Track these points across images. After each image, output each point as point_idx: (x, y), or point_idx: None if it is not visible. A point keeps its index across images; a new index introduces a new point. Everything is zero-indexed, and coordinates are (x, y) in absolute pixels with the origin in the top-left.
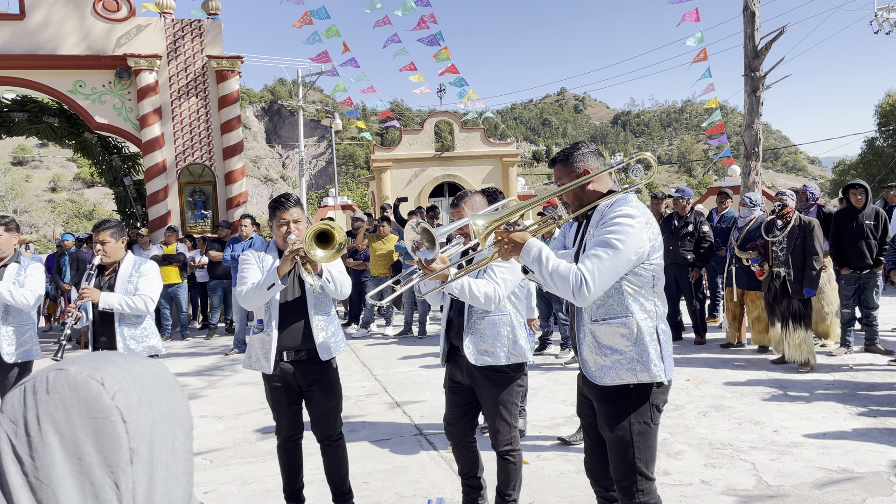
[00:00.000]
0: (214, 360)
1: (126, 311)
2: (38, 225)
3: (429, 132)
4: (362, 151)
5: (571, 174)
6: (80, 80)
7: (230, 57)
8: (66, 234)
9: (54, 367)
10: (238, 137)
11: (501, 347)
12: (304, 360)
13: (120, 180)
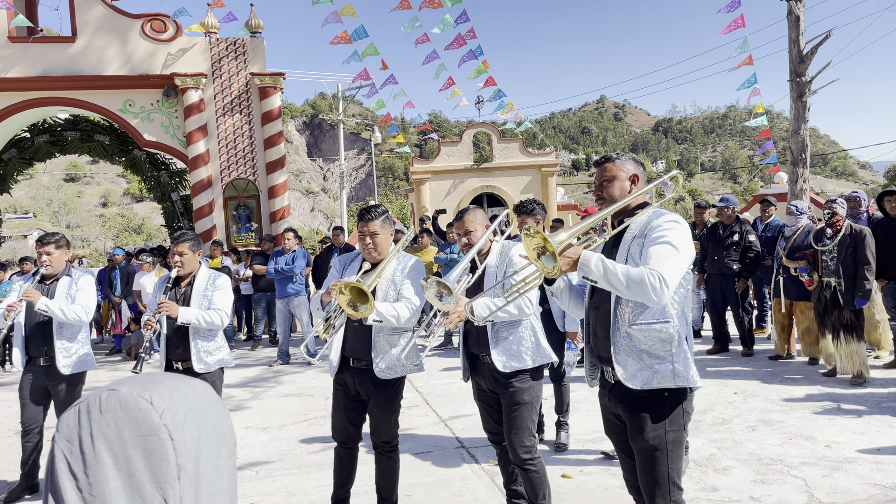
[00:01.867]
0: (258, 371)
1: (202, 326)
2: (90, 239)
3: (467, 143)
4: (401, 163)
5: (621, 176)
6: (129, 99)
7: (272, 74)
8: (116, 248)
9: (106, 387)
10: (280, 152)
11: (526, 351)
12: (364, 370)
13: (168, 195)
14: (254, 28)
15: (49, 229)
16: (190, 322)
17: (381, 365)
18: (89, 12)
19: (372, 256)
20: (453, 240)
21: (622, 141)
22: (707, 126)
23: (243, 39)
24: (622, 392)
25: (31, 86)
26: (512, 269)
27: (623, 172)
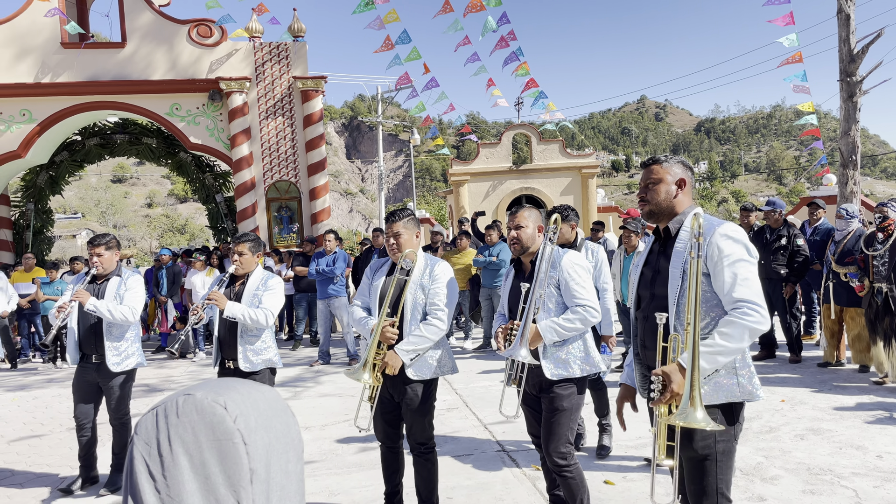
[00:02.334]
0: (299, 371)
1: (248, 322)
2: (136, 239)
3: (506, 145)
4: (439, 164)
5: (668, 179)
6: (176, 102)
7: (314, 77)
8: (163, 248)
9: (182, 392)
10: (322, 155)
11: (575, 361)
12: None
13: (212, 197)
14: (296, 32)
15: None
16: (235, 317)
17: (411, 367)
18: (138, 18)
19: (396, 256)
20: (492, 242)
21: (663, 141)
22: (751, 126)
23: (286, 43)
24: None
25: (83, 90)
26: (565, 280)
27: (670, 176)
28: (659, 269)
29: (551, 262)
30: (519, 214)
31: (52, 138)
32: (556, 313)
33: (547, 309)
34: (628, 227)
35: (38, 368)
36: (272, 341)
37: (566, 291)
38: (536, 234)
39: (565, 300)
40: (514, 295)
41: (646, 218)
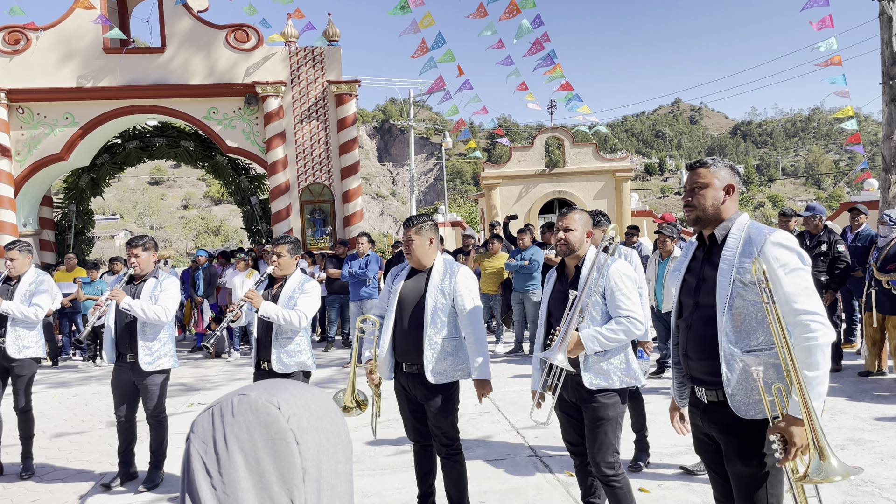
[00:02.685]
0: (331, 372)
1: (281, 322)
2: (172, 240)
3: (539, 148)
4: (469, 167)
5: (715, 184)
6: (213, 106)
7: (348, 81)
8: (199, 250)
9: (237, 392)
10: (355, 158)
11: (616, 372)
12: (416, 374)
13: (247, 199)
14: (331, 36)
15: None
16: (270, 316)
17: (432, 370)
18: (178, 24)
19: (411, 260)
20: (524, 245)
21: (698, 145)
22: (789, 129)
23: (321, 48)
24: (717, 413)
25: (123, 94)
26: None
27: (718, 180)
28: (704, 278)
29: (600, 268)
30: (569, 216)
31: (94, 141)
32: (600, 322)
33: (591, 317)
34: (664, 232)
35: (78, 366)
36: (307, 345)
37: (611, 301)
38: (585, 239)
39: (609, 310)
40: (555, 299)
41: (691, 224)
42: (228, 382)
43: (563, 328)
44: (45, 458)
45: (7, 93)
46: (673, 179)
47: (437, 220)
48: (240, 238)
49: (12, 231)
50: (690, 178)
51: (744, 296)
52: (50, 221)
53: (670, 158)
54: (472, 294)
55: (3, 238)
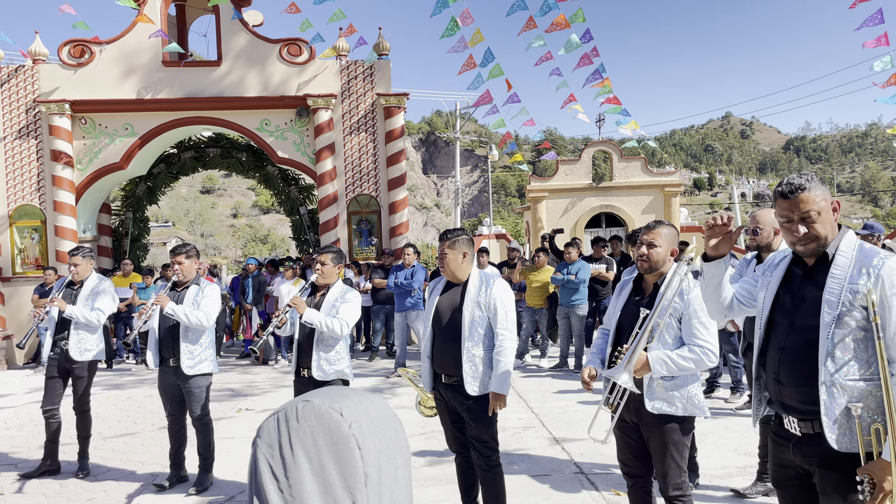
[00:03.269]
0: (376, 382)
1: (324, 329)
2: (221, 248)
3: (586, 162)
4: (514, 179)
5: (824, 206)
6: (266, 118)
7: (397, 94)
8: (250, 258)
9: (301, 398)
10: (402, 170)
11: (680, 399)
12: (455, 386)
13: (296, 209)
14: (381, 50)
15: (186, 238)
16: (312, 322)
17: (471, 382)
18: (234, 39)
19: (445, 273)
20: (570, 259)
21: (749, 160)
22: (845, 145)
23: (371, 62)
24: (813, 446)
25: (181, 106)
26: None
27: (824, 201)
28: (804, 297)
29: (679, 292)
30: (655, 231)
31: (152, 151)
32: (672, 346)
33: (663, 340)
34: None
35: (132, 369)
36: (346, 353)
37: (687, 327)
38: (668, 257)
39: (684, 336)
40: (627, 314)
41: (809, 256)
42: (275, 389)
43: (630, 347)
44: (99, 459)
45: (71, 104)
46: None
47: (482, 232)
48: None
49: (72, 237)
50: (789, 206)
51: (851, 321)
52: (108, 228)
53: (720, 173)
54: (508, 306)
55: (64, 244)
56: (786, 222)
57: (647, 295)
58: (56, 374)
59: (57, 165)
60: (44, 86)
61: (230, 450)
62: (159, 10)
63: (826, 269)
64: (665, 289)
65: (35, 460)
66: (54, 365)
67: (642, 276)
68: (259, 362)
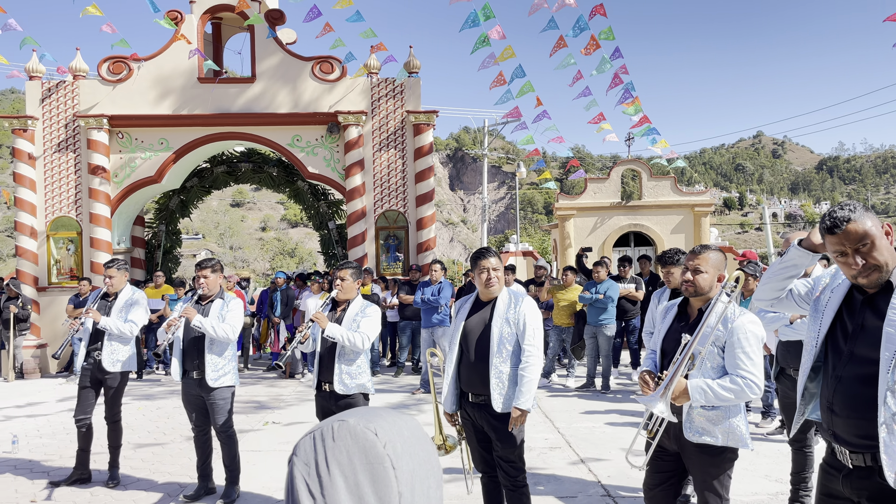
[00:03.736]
0: (402, 398)
1: (346, 343)
2: (249, 260)
3: (615, 180)
4: (541, 196)
5: (876, 233)
6: (297, 134)
7: (426, 111)
8: (279, 272)
9: (336, 418)
10: (430, 186)
11: (721, 430)
12: (482, 405)
13: (325, 224)
14: (411, 68)
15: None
16: (335, 337)
17: (498, 399)
18: (268, 56)
19: (490, 292)
20: (599, 279)
21: (781, 179)
22: (879, 166)
23: (402, 80)
24: (865, 479)
25: (215, 121)
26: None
27: (875, 228)
28: (864, 326)
29: (722, 320)
30: (702, 256)
31: (185, 165)
32: (713, 375)
33: (704, 369)
34: (746, 271)
35: (161, 380)
36: (367, 367)
37: (731, 357)
38: (715, 283)
39: (727, 366)
40: (670, 339)
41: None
42: (301, 402)
43: (668, 374)
44: (129, 468)
45: (109, 119)
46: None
47: (509, 249)
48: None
49: (107, 248)
50: (841, 239)
51: None
52: (141, 240)
53: (751, 193)
54: (536, 323)
55: (99, 255)
56: (840, 256)
57: (691, 321)
58: (88, 384)
59: (94, 178)
60: (83, 101)
61: (257, 462)
62: (196, 28)
63: (888, 297)
64: (707, 315)
65: (66, 468)
66: (87, 375)
67: (688, 301)
68: (286, 375)
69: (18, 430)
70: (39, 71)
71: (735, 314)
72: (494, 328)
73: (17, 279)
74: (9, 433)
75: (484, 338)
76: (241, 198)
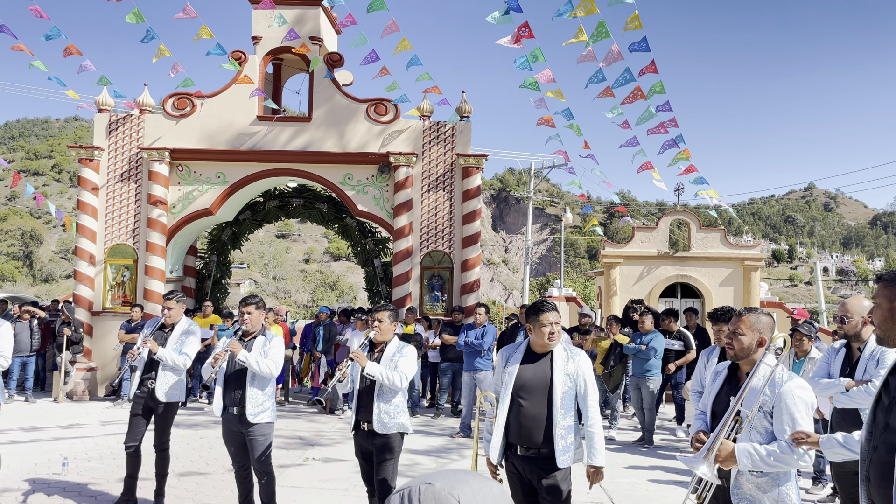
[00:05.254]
0: (442, 441)
1: (384, 381)
2: (291, 291)
3: (663, 230)
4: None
5: None
6: (349, 173)
7: (476, 155)
8: (322, 307)
9: (424, 480)
10: (476, 228)
11: (770, 497)
12: (534, 458)
13: (371, 261)
14: (463, 113)
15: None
16: (374, 375)
17: (561, 453)
18: (325, 97)
19: (550, 346)
20: (644, 329)
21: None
22: None
23: (453, 124)
24: None
25: (271, 158)
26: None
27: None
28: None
29: (770, 384)
30: (743, 320)
31: (239, 199)
32: (763, 441)
33: (752, 433)
34: (801, 330)
35: (205, 409)
36: (405, 406)
37: (779, 423)
38: (755, 346)
39: (775, 431)
40: (721, 400)
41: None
42: (343, 440)
43: (712, 435)
44: (173, 497)
45: (171, 152)
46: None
47: (552, 293)
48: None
49: (160, 276)
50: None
51: None
52: (192, 269)
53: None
54: (593, 378)
55: (153, 283)
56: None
57: (740, 384)
58: (140, 412)
59: (153, 209)
60: (147, 134)
61: (297, 499)
62: (258, 68)
63: None
64: (750, 377)
65: (112, 494)
66: (140, 403)
67: (738, 364)
68: (325, 411)
69: (68, 452)
70: (108, 104)
71: (783, 378)
72: (557, 382)
73: (73, 303)
74: (58, 454)
75: (545, 391)
76: (287, 229)
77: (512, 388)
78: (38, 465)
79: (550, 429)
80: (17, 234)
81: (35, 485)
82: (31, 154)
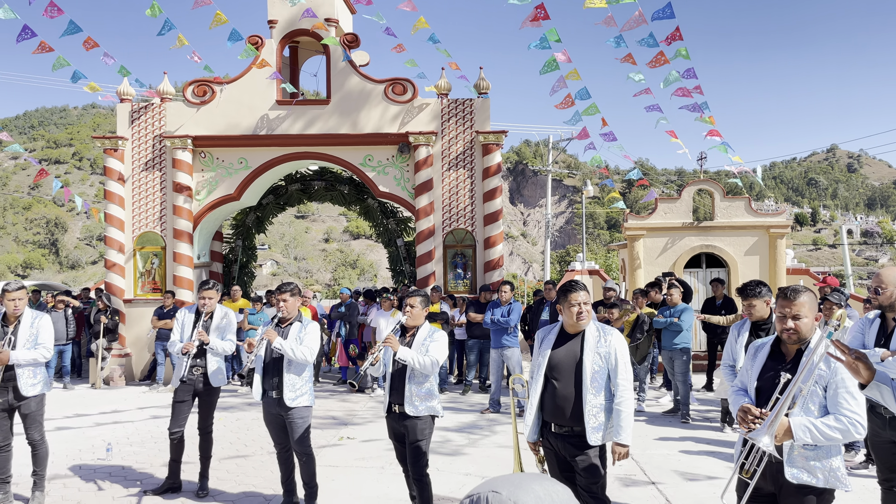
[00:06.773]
0: (472, 417)
1: (416, 366)
2: (313, 271)
3: (686, 201)
4: (603, 211)
5: None
6: (369, 154)
7: (495, 132)
8: (343, 288)
9: (491, 488)
10: (498, 205)
11: (822, 470)
12: (567, 435)
13: (393, 241)
14: (481, 89)
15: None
16: (406, 360)
17: (592, 431)
18: (343, 79)
19: (580, 325)
20: (673, 303)
21: (856, 195)
22: None
23: (471, 100)
24: None
25: (291, 142)
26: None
27: None
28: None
29: (825, 359)
30: (798, 303)
31: (262, 184)
32: (815, 415)
33: (807, 408)
34: (830, 299)
35: (238, 391)
36: (436, 390)
37: (833, 396)
38: (814, 324)
39: (829, 406)
40: (766, 378)
41: None
42: (376, 419)
43: (773, 411)
44: (215, 480)
45: (193, 139)
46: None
47: (574, 267)
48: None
49: (189, 262)
50: None
51: None
52: (219, 255)
53: (824, 208)
54: (626, 357)
55: (181, 269)
56: None
57: (788, 360)
58: (187, 398)
59: (178, 196)
60: (169, 122)
61: (335, 478)
62: (275, 52)
63: None
64: (811, 355)
65: (157, 477)
66: (187, 389)
67: (780, 340)
68: (355, 390)
69: (110, 438)
70: (129, 94)
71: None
72: (587, 362)
73: (107, 291)
74: (101, 440)
75: (575, 370)
76: (306, 210)
77: (545, 368)
78: (83, 450)
79: (580, 408)
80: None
81: (81, 471)
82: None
